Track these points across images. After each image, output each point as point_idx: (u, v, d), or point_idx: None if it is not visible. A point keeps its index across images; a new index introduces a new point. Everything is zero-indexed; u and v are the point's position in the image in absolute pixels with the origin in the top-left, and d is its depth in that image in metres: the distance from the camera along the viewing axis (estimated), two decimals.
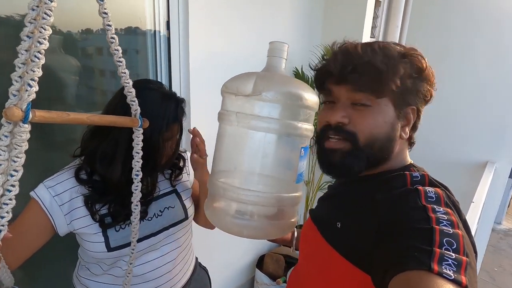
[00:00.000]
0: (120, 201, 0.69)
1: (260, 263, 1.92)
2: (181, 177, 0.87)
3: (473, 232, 1.24)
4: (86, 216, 0.68)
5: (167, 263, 0.78)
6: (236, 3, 1.37)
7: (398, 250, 0.40)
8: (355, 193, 0.56)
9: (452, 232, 0.39)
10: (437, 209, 0.43)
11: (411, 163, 0.56)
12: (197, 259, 0.96)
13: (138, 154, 0.63)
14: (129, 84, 0.57)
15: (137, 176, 0.64)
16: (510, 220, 3.88)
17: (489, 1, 2.02)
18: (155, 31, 1.21)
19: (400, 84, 0.49)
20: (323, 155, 0.53)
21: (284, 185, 0.51)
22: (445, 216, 0.41)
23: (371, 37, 2.06)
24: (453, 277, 0.34)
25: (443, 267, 0.35)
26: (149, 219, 0.75)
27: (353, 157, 0.49)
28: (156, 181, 0.78)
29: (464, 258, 0.36)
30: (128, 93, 0.59)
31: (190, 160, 0.83)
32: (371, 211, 0.50)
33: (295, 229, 0.76)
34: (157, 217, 0.76)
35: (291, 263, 1.86)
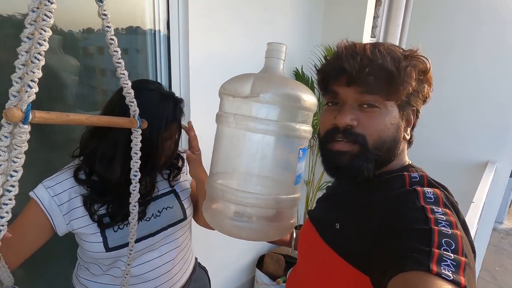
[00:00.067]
0: (118, 201, 0.69)
1: (260, 263, 1.92)
2: (180, 177, 0.86)
3: (473, 232, 1.24)
4: (84, 216, 0.69)
5: (166, 263, 0.78)
6: (236, 3, 1.36)
7: (396, 250, 0.40)
8: (354, 194, 0.56)
9: (450, 232, 0.39)
10: (436, 210, 0.43)
11: (410, 163, 0.56)
12: (196, 259, 0.96)
13: (136, 154, 0.63)
14: (128, 85, 0.58)
15: (135, 176, 0.64)
16: (511, 219, 3.88)
17: (493, 1, 2.01)
18: (155, 31, 1.21)
19: (413, 86, 0.49)
20: (330, 158, 0.52)
21: (282, 187, 0.51)
22: (443, 216, 0.41)
23: (371, 36, 2.05)
24: (452, 277, 0.34)
25: (442, 267, 0.35)
26: (147, 219, 0.75)
27: (362, 160, 0.49)
28: (155, 181, 0.78)
29: (462, 258, 0.36)
30: (127, 94, 0.59)
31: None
32: (369, 212, 0.50)
33: (294, 230, 0.76)
34: (155, 218, 0.76)
35: (291, 263, 1.86)
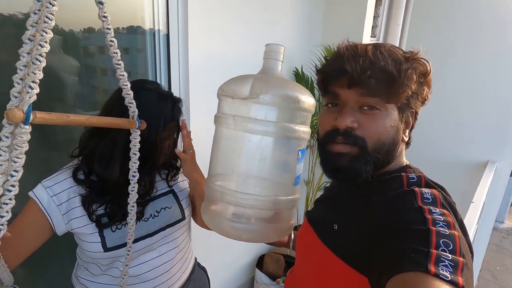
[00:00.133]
0: (117, 201, 0.69)
1: (260, 263, 1.92)
2: (178, 177, 0.87)
3: (473, 232, 1.24)
4: (83, 216, 0.69)
5: (165, 263, 0.78)
6: (235, 3, 1.36)
7: (394, 251, 0.40)
8: (352, 195, 0.56)
9: (448, 233, 0.39)
10: (434, 210, 0.43)
11: (407, 164, 0.56)
12: (196, 259, 0.96)
13: (135, 155, 0.64)
14: (127, 86, 0.58)
15: (133, 177, 0.64)
16: None
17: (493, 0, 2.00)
18: (154, 30, 1.21)
19: (413, 89, 0.49)
20: (329, 159, 0.52)
21: (282, 188, 0.50)
22: (441, 217, 0.42)
23: (371, 36, 2.05)
24: (450, 278, 0.34)
25: (440, 268, 0.35)
26: (146, 219, 0.75)
27: (361, 162, 0.49)
28: (154, 181, 0.78)
29: (460, 259, 0.37)
30: (126, 95, 0.59)
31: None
32: (367, 213, 0.50)
33: (292, 231, 0.76)
34: (153, 218, 0.76)
35: (291, 263, 1.86)
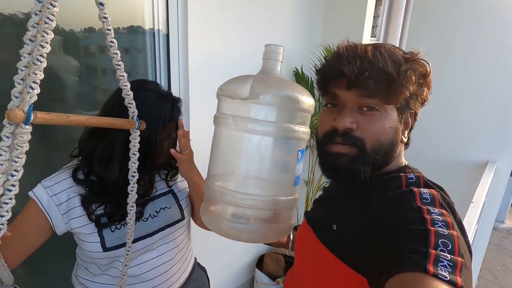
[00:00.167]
0: (116, 201, 0.69)
1: (260, 263, 1.92)
2: (177, 177, 0.87)
3: (473, 232, 1.24)
4: (83, 216, 0.69)
5: (164, 263, 0.78)
6: (235, 3, 1.36)
7: (393, 251, 0.40)
8: (351, 195, 0.56)
9: (447, 233, 0.39)
10: (432, 210, 0.43)
11: (406, 164, 0.56)
12: (196, 259, 0.96)
13: (135, 155, 0.64)
14: (127, 87, 0.58)
15: (133, 177, 0.64)
16: None
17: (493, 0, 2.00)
18: (154, 30, 1.21)
19: (411, 91, 0.49)
20: (328, 159, 0.52)
21: (281, 188, 0.50)
22: (440, 217, 0.42)
23: (371, 36, 2.05)
24: (449, 278, 0.34)
25: (439, 268, 0.35)
26: (145, 219, 0.75)
27: (360, 163, 0.49)
28: (153, 181, 0.78)
29: (459, 259, 0.37)
30: (126, 95, 0.59)
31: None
32: (366, 213, 0.50)
33: (291, 231, 0.76)
34: (152, 218, 0.77)
35: (291, 263, 1.85)
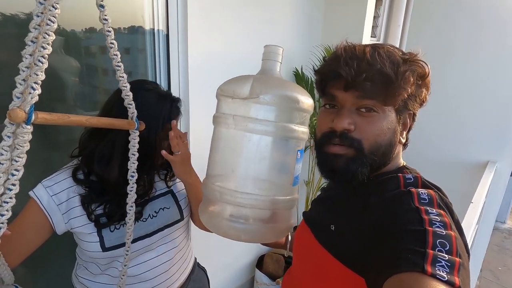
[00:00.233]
0: (116, 201, 0.70)
1: (260, 263, 1.93)
2: (177, 178, 0.86)
3: (472, 232, 1.24)
4: (82, 215, 0.69)
5: (164, 263, 0.78)
6: (235, 3, 1.36)
7: (391, 252, 0.40)
8: (349, 196, 0.56)
9: (445, 233, 0.40)
10: (430, 211, 0.43)
11: (404, 165, 0.56)
12: (195, 259, 0.96)
13: (134, 155, 0.64)
14: (126, 87, 0.58)
15: (132, 177, 0.65)
16: None
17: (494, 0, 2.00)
18: (154, 30, 1.21)
19: (409, 92, 0.49)
20: (326, 160, 0.52)
21: (281, 188, 0.51)
22: (438, 217, 0.42)
23: (371, 36, 2.05)
24: (446, 278, 0.34)
25: (437, 268, 0.35)
26: (144, 220, 0.76)
27: (357, 163, 0.49)
28: (153, 181, 0.79)
29: (457, 259, 0.37)
30: (125, 96, 0.60)
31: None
32: (364, 214, 0.50)
33: (289, 232, 0.75)
34: (152, 218, 0.77)
35: (291, 263, 1.86)
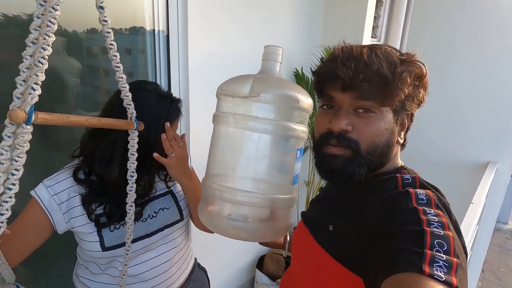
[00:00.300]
0: (116, 201, 0.70)
1: (260, 263, 1.93)
2: None
3: (472, 233, 1.24)
4: (83, 215, 0.70)
5: (163, 263, 0.79)
6: (235, 3, 1.36)
7: (389, 252, 0.40)
8: (347, 196, 0.56)
9: (442, 233, 0.40)
10: (428, 211, 0.43)
11: (402, 165, 0.57)
12: (196, 260, 0.96)
13: (133, 156, 0.65)
14: (126, 88, 0.59)
15: (131, 177, 0.65)
16: None
17: (494, 0, 2.00)
18: (154, 31, 1.21)
19: (406, 93, 0.49)
20: (323, 161, 0.52)
21: (280, 187, 0.51)
22: (435, 218, 0.42)
23: (372, 37, 2.05)
24: (444, 278, 0.34)
25: (434, 268, 0.35)
26: (144, 220, 0.76)
27: (354, 164, 0.49)
28: (153, 181, 0.79)
29: (454, 259, 0.37)
30: (124, 97, 0.60)
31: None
32: (363, 214, 0.50)
33: (288, 232, 0.75)
34: (151, 218, 0.77)
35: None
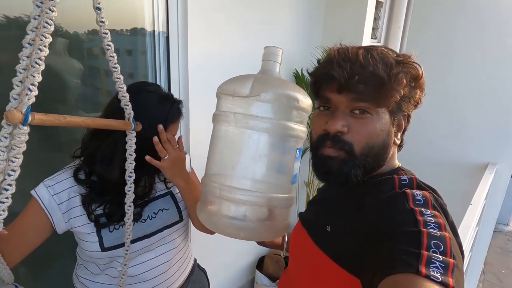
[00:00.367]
0: (116, 201, 0.70)
1: (260, 264, 1.93)
2: None
3: (471, 234, 1.24)
4: (82, 215, 0.70)
5: (163, 263, 0.79)
6: (235, 4, 1.37)
7: (386, 253, 0.40)
8: (344, 197, 0.56)
9: (439, 234, 0.40)
10: (425, 212, 0.43)
11: (399, 166, 0.57)
12: (195, 260, 0.96)
13: (131, 156, 0.65)
14: (123, 88, 0.59)
15: (129, 177, 0.65)
16: None
17: (494, 0, 2.00)
18: (154, 32, 1.22)
19: (402, 94, 0.49)
20: (320, 162, 0.53)
21: (280, 186, 0.51)
22: (432, 218, 0.42)
23: (372, 38, 2.05)
24: (441, 279, 0.34)
25: (431, 269, 0.35)
26: (143, 221, 0.76)
27: (349, 166, 0.50)
28: (153, 182, 0.79)
29: (451, 260, 0.37)
30: (122, 97, 0.60)
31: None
32: (360, 215, 0.50)
33: (286, 232, 0.75)
34: (151, 219, 0.77)
35: None
